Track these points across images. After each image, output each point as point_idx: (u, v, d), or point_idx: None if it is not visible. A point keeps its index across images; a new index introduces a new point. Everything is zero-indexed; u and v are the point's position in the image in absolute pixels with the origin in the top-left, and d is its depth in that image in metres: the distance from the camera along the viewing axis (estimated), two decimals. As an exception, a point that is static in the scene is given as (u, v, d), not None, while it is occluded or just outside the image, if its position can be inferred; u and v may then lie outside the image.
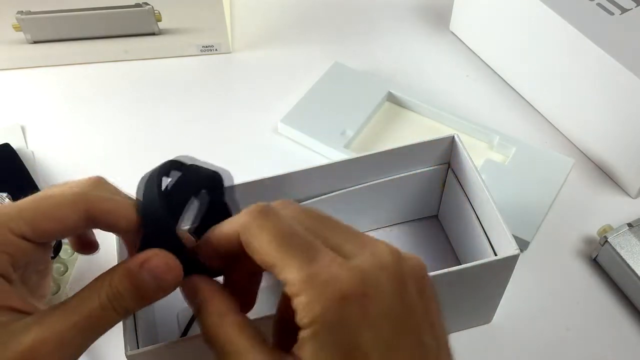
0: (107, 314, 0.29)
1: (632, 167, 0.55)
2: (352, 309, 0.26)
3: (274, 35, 0.71)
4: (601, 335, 0.49)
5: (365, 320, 0.26)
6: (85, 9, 0.63)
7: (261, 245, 0.27)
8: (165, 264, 0.29)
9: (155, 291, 0.29)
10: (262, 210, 0.28)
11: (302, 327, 0.26)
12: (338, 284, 0.26)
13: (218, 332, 0.28)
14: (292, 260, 0.26)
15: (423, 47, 0.70)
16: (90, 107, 0.65)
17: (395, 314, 0.26)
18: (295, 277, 0.26)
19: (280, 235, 0.27)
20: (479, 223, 0.46)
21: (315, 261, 0.26)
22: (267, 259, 0.27)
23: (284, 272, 0.26)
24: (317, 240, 0.27)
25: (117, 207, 0.30)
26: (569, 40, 0.55)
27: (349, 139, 0.58)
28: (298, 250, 0.27)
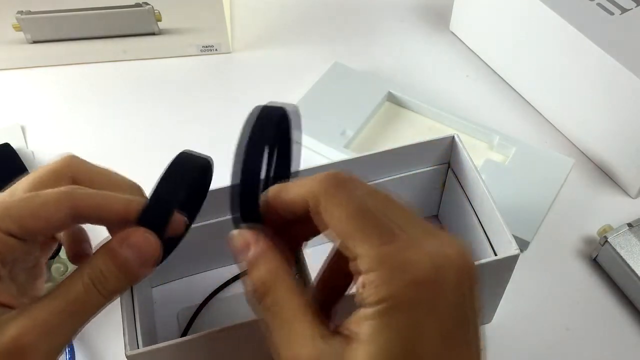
0: (92, 297, 0.29)
1: (632, 167, 0.55)
2: (423, 295, 0.25)
3: (274, 35, 0.71)
4: (601, 335, 0.49)
5: (433, 308, 0.25)
6: (85, 9, 0.63)
7: (336, 216, 0.27)
8: (147, 240, 0.30)
9: (138, 268, 0.30)
10: (336, 181, 0.28)
11: (366, 305, 0.25)
12: (414, 269, 0.25)
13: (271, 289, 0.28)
14: (368, 237, 0.26)
15: (423, 47, 0.70)
16: (90, 107, 0.65)
17: (457, 310, 0.26)
18: (369, 254, 0.26)
19: (357, 209, 0.27)
20: (479, 223, 0.46)
21: (391, 242, 0.26)
22: (342, 231, 0.27)
23: (358, 246, 0.26)
24: (392, 221, 0.27)
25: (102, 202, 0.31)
26: (569, 40, 0.55)
27: (349, 139, 0.58)
28: (375, 227, 0.26)
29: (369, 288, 0.25)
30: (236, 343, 0.38)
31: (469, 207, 0.47)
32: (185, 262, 0.49)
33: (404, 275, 0.25)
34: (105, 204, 0.31)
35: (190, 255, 0.48)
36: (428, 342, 0.25)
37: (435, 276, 0.26)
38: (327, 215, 0.27)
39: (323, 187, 0.28)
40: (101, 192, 0.31)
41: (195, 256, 0.49)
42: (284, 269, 0.29)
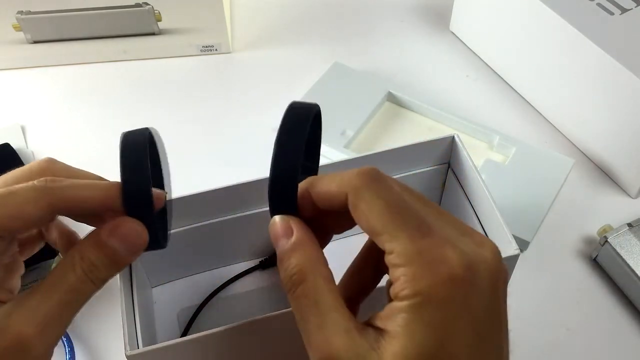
0: (85, 287, 0.29)
1: (632, 167, 0.55)
2: (457, 293, 0.25)
3: (274, 35, 0.71)
4: (601, 335, 0.49)
5: (467, 306, 0.26)
6: (85, 9, 0.63)
7: (373, 210, 0.27)
8: (133, 229, 0.30)
9: (127, 256, 0.30)
10: (374, 175, 0.28)
11: (400, 298, 0.26)
12: (449, 265, 0.26)
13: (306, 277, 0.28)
14: (403, 232, 0.26)
15: (423, 47, 0.70)
16: (90, 107, 0.65)
17: (490, 309, 0.27)
18: (405, 248, 0.26)
19: (393, 204, 0.27)
20: (479, 223, 0.46)
21: (428, 237, 0.26)
22: (376, 226, 0.27)
23: (393, 241, 0.26)
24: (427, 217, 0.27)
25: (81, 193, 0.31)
26: (569, 40, 0.55)
27: (349, 139, 0.58)
28: (411, 221, 0.27)
29: (402, 282, 0.26)
30: (236, 343, 0.38)
31: (469, 207, 0.47)
32: (185, 262, 0.49)
33: (439, 270, 0.25)
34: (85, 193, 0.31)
35: (190, 255, 0.48)
36: (462, 339, 0.25)
37: (470, 275, 0.26)
38: (366, 207, 0.27)
39: (362, 180, 0.28)
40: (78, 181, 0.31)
41: (195, 256, 0.49)
42: (321, 258, 0.29)
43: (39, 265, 0.50)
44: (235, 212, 0.46)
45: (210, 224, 0.46)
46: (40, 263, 0.50)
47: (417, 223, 0.27)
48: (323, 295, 0.27)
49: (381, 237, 0.27)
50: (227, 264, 0.51)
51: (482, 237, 0.28)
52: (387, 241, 0.27)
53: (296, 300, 0.28)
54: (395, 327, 0.25)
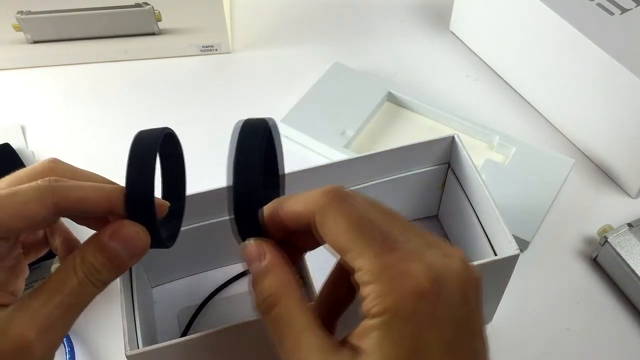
0: (87, 290, 0.30)
1: (632, 167, 0.55)
2: (423, 307, 0.26)
3: (274, 35, 0.71)
4: (601, 335, 0.49)
5: (435, 319, 0.26)
6: (85, 9, 0.63)
7: (338, 229, 0.27)
8: (135, 232, 0.30)
9: (128, 259, 0.30)
10: (339, 194, 0.28)
11: (370, 316, 0.26)
12: (414, 279, 0.26)
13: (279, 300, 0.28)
14: (368, 248, 0.26)
15: (423, 47, 0.70)
16: (90, 107, 0.65)
17: (458, 319, 0.27)
18: (370, 265, 0.26)
19: (358, 221, 0.27)
20: (479, 223, 0.46)
21: (392, 252, 0.26)
22: (343, 244, 0.27)
23: (359, 258, 0.26)
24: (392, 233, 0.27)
25: (86, 194, 0.30)
26: (569, 40, 0.55)
27: (349, 139, 0.58)
28: (375, 238, 0.27)
29: (371, 299, 0.26)
30: (236, 343, 0.38)
31: (469, 207, 0.47)
32: (185, 262, 0.49)
33: (405, 285, 0.26)
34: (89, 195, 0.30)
35: (190, 255, 0.48)
36: (433, 351, 0.25)
37: (437, 286, 0.26)
38: (332, 226, 0.28)
39: (327, 199, 0.28)
40: (82, 183, 0.31)
41: (195, 256, 0.49)
42: (293, 281, 0.29)
43: (39, 265, 0.50)
44: (235, 212, 0.46)
45: (210, 224, 0.46)
46: (40, 263, 0.50)
47: (382, 239, 0.27)
48: (297, 317, 0.28)
49: (348, 255, 0.27)
50: (227, 264, 0.51)
51: (449, 248, 0.28)
52: (354, 259, 0.27)
53: (271, 322, 0.28)
54: (368, 344, 0.26)
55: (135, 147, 0.31)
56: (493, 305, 0.47)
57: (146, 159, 0.30)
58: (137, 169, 0.30)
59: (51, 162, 0.33)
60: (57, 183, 0.30)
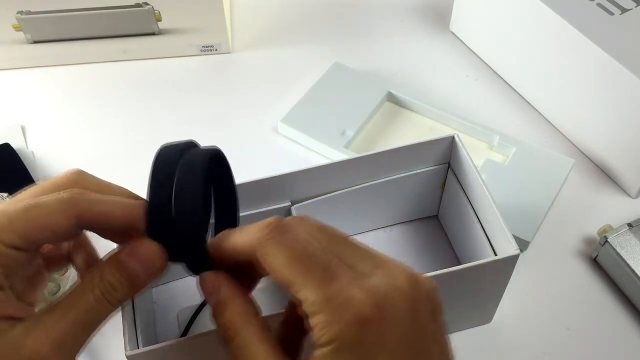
0: (102, 307, 0.29)
1: (632, 167, 0.55)
2: (370, 332, 0.26)
3: (274, 35, 0.71)
4: (601, 335, 0.49)
5: (382, 343, 0.26)
6: (85, 9, 0.63)
7: (278, 263, 0.27)
8: (153, 252, 0.30)
9: (145, 278, 0.30)
10: (278, 227, 0.28)
11: (318, 346, 0.26)
12: (357, 306, 0.26)
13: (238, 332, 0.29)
14: (310, 280, 0.27)
15: (423, 47, 0.70)
16: (90, 107, 0.65)
17: (409, 338, 0.27)
18: (313, 297, 0.26)
19: (297, 254, 0.27)
20: (479, 223, 0.46)
21: (333, 281, 0.27)
22: (284, 278, 0.27)
23: (302, 291, 0.27)
24: (334, 260, 0.28)
25: (109, 209, 0.30)
26: (569, 40, 0.55)
27: (349, 139, 0.58)
28: (316, 269, 0.27)
29: (317, 330, 0.26)
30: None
31: (469, 207, 0.47)
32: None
33: (346, 314, 0.26)
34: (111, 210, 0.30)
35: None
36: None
37: (381, 310, 0.26)
38: (272, 261, 0.28)
39: (265, 234, 0.28)
40: (106, 197, 0.31)
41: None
42: (251, 310, 0.30)
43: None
44: (235, 212, 0.46)
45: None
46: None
47: (322, 269, 0.27)
48: (256, 347, 0.28)
49: (292, 288, 0.27)
50: (227, 264, 0.51)
51: (395, 267, 0.28)
52: (297, 292, 0.27)
53: (232, 353, 0.29)
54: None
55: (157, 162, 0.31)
56: (493, 305, 0.47)
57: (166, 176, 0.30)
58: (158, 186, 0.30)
59: (76, 173, 0.32)
60: (80, 195, 0.30)
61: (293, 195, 0.47)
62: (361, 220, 0.52)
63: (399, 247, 0.52)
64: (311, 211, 0.47)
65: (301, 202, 0.47)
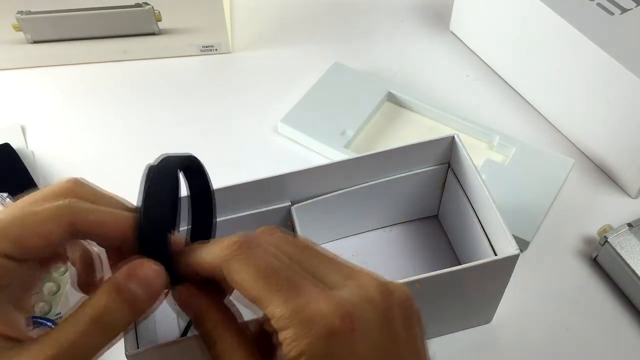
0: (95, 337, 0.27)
1: (632, 167, 0.55)
2: (339, 344, 0.26)
3: (274, 35, 0.71)
4: (601, 335, 0.49)
5: (353, 354, 0.26)
6: (85, 9, 0.63)
7: (244, 280, 0.27)
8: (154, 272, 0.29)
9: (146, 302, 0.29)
10: (244, 244, 0.28)
11: None
12: (324, 319, 0.26)
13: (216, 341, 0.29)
14: (276, 295, 0.26)
15: (423, 47, 0.70)
16: (90, 107, 0.65)
17: (381, 348, 0.26)
18: (280, 312, 0.26)
19: (263, 269, 0.27)
20: (479, 223, 0.46)
21: (300, 295, 0.26)
22: (251, 294, 0.27)
23: (269, 307, 0.26)
24: (301, 273, 0.28)
25: (103, 219, 0.29)
26: (569, 40, 0.55)
27: (349, 139, 0.58)
28: (282, 284, 0.27)
29: (286, 345, 0.26)
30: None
31: (469, 207, 0.47)
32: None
33: (314, 327, 0.25)
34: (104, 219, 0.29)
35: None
36: None
37: (350, 322, 0.26)
38: (238, 278, 0.27)
39: (230, 252, 0.28)
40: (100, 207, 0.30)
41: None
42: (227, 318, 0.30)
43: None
44: (235, 212, 0.46)
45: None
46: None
47: (288, 284, 0.27)
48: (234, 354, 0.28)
49: (259, 304, 0.27)
50: (227, 264, 0.51)
51: (366, 278, 0.28)
52: (265, 307, 0.27)
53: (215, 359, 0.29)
54: None
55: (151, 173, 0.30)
56: (493, 305, 0.47)
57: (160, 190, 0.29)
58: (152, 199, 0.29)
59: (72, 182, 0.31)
60: (75, 204, 0.29)
61: (293, 195, 0.47)
62: (361, 220, 0.52)
63: (399, 247, 0.52)
64: (311, 211, 0.47)
65: (301, 202, 0.47)
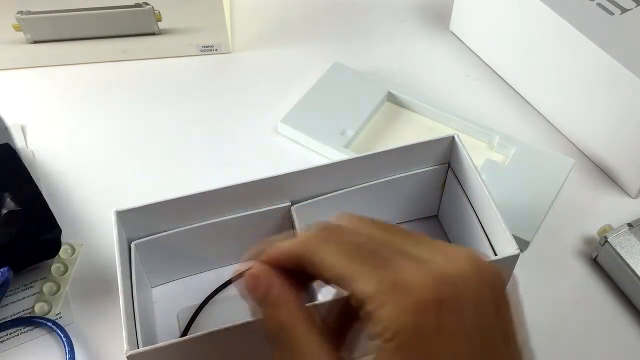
0: None
1: (632, 167, 0.55)
2: (428, 319, 0.24)
3: (274, 35, 0.71)
4: (601, 335, 0.49)
5: (442, 332, 0.24)
6: (85, 9, 0.63)
7: (327, 259, 0.27)
8: None
9: None
10: (325, 226, 0.28)
11: (374, 337, 0.25)
12: (413, 292, 0.25)
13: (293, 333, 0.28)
14: (361, 271, 0.26)
15: (423, 47, 0.70)
16: (91, 107, 0.65)
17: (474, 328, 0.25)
18: (366, 286, 0.25)
19: (346, 246, 0.27)
20: (479, 223, 0.46)
21: (389, 268, 0.26)
22: (335, 272, 0.27)
23: (354, 283, 0.26)
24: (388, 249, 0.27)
25: None
26: (569, 40, 0.55)
27: (349, 139, 0.58)
28: (369, 259, 0.26)
29: (373, 321, 0.25)
30: (236, 343, 0.38)
31: (469, 207, 0.47)
32: (185, 262, 0.49)
33: (404, 300, 0.25)
34: None
35: (190, 255, 0.48)
36: None
37: (439, 295, 0.25)
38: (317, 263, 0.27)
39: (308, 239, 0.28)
40: None
41: (195, 256, 0.49)
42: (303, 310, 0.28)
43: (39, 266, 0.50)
44: (234, 212, 0.46)
45: (210, 224, 0.46)
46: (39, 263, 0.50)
47: (374, 258, 0.26)
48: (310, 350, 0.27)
49: (343, 282, 0.26)
50: (227, 263, 0.51)
51: (456, 251, 0.27)
52: (349, 284, 0.26)
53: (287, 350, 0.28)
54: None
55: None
56: (493, 305, 0.47)
57: None
58: None
59: None
60: None
61: (293, 195, 0.47)
62: (361, 220, 0.52)
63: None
64: (311, 211, 0.47)
65: (301, 202, 0.47)
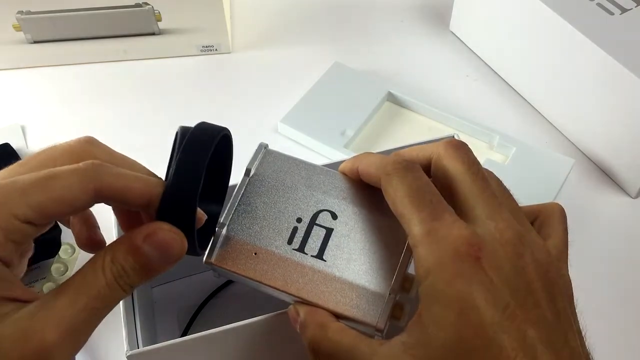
0: (115, 293, 0.28)
1: (632, 167, 0.55)
2: (464, 266, 0.27)
3: (274, 35, 0.71)
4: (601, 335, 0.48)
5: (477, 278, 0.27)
6: (85, 9, 0.63)
7: (396, 196, 0.30)
8: (171, 238, 0.28)
9: (160, 265, 0.29)
10: (405, 164, 0.31)
11: (418, 278, 0.28)
12: (453, 242, 0.28)
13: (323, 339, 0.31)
14: (417, 215, 0.29)
15: (423, 47, 0.70)
16: (90, 107, 0.65)
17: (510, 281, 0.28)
18: (417, 230, 0.29)
19: (414, 191, 0.30)
20: (479, 223, 0.46)
21: (438, 219, 0.28)
22: (398, 209, 0.30)
23: (409, 223, 0.29)
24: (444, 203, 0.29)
25: (130, 185, 0.29)
26: (569, 40, 0.55)
27: (349, 139, 0.58)
28: (426, 207, 0.29)
29: (417, 262, 0.28)
30: (236, 343, 0.38)
31: (469, 207, 0.47)
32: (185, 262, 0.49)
33: (444, 246, 0.28)
34: (132, 186, 0.29)
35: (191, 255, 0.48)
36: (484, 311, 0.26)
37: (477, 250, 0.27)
38: (392, 192, 0.30)
39: (393, 168, 0.31)
40: (125, 171, 0.29)
41: (195, 256, 0.49)
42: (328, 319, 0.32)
43: (39, 265, 0.50)
44: (235, 212, 0.46)
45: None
46: (40, 263, 0.50)
47: (431, 208, 0.29)
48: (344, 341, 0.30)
49: (403, 219, 0.30)
50: (227, 264, 0.51)
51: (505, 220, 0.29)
52: (405, 223, 0.29)
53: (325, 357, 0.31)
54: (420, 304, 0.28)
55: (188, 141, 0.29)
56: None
57: (199, 160, 0.29)
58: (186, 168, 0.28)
59: (89, 142, 0.31)
60: (100, 169, 0.28)
61: (293, 195, 0.46)
62: (361, 220, 0.52)
63: (399, 247, 0.52)
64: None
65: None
